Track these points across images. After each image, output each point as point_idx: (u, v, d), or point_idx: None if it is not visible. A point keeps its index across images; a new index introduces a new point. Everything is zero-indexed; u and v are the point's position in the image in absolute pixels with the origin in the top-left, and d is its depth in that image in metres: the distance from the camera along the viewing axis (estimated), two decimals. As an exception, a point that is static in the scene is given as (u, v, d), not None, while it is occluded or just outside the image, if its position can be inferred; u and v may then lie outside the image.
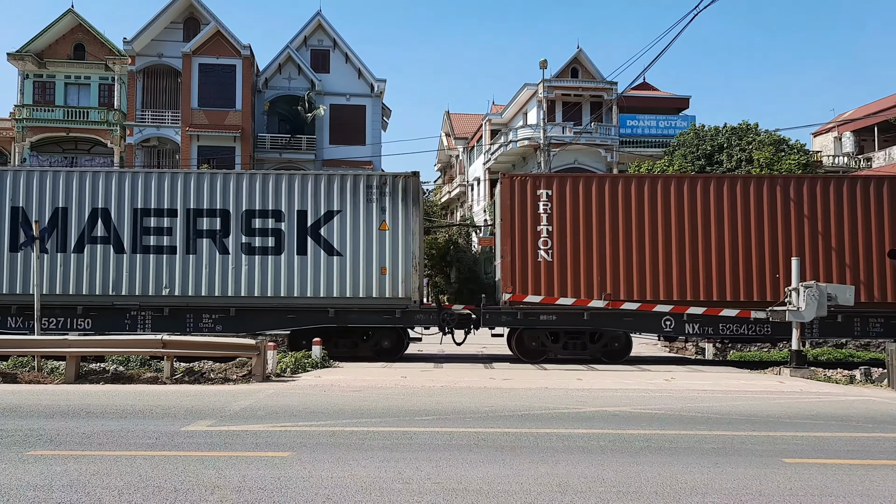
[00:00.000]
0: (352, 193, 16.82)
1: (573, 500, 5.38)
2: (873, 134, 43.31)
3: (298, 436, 7.74)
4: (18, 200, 16.77)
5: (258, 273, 16.66)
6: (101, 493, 5.44)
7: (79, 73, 38.25)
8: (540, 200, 16.70)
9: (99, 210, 16.79)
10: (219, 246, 16.75)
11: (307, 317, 16.83)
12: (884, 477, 6.18)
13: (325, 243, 16.72)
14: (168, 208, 16.84)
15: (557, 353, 17.16)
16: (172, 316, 16.76)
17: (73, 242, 16.71)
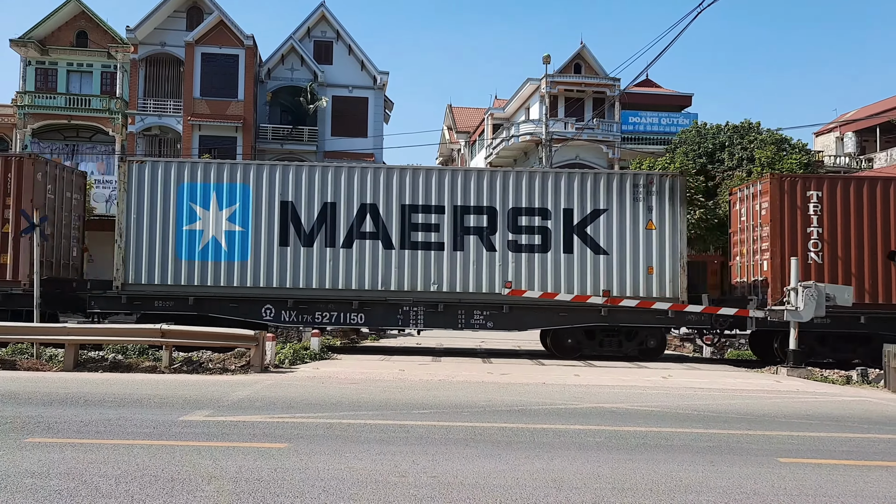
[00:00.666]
0: (618, 192, 16.82)
1: (568, 495, 5.41)
2: (875, 134, 43.26)
3: (295, 427, 7.76)
4: (288, 195, 16.79)
5: (524, 270, 16.61)
6: (98, 482, 5.46)
7: (81, 61, 38.18)
8: (810, 202, 16.44)
9: (367, 205, 16.83)
10: (485, 243, 16.77)
11: (578, 315, 16.75)
12: (878, 478, 6.21)
13: (592, 242, 16.74)
14: (435, 205, 16.85)
15: None
16: (446, 311, 16.75)
17: (342, 237, 16.76)
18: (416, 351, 18.75)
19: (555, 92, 40.02)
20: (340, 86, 39.51)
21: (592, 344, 17.24)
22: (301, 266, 16.58)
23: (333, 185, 16.82)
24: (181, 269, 16.56)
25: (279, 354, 14.33)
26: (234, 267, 16.58)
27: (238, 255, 16.61)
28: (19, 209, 16.21)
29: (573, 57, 41.71)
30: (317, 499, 5.16)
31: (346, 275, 16.63)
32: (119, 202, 16.79)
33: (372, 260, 16.68)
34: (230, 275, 16.56)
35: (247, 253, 16.58)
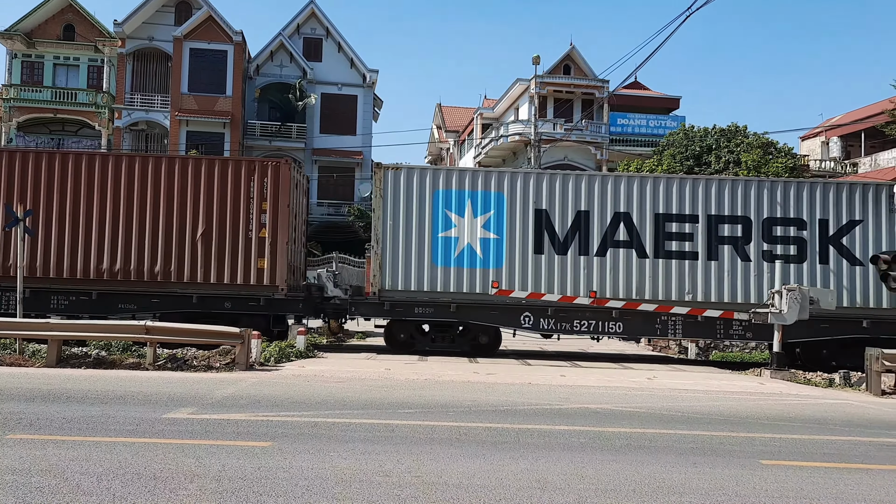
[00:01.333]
0: (873, 203, 16.71)
1: (552, 496, 5.42)
2: (860, 139, 43.64)
3: (280, 426, 7.74)
4: (541, 203, 16.76)
5: (778, 281, 16.39)
6: (80, 479, 5.42)
7: (68, 54, 37.89)
8: None
9: (620, 214, 16.73)
10: (740, 253, 16.64)
11: (840, 326, 16.54)
12: (858, 481, 6.26)
13: (847, 252, 16.62)
14: (689, 214, 16.74)
15: None
16: (705, 322, 16.63)
17: (596, 246, 16.68)
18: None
19: (544, 93, 40.11)
20: (329, 83, 39.43)
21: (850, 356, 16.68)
22: (556, 274, 16.57)
23: (587, 193, 16.81)
24: (437, 275, 16.62)
25: (265, 352, 14.27)
26: (489, 274, 16.62)
27: (493, 262, 16.65)
28: (276, 213, 16.41)
29: (563, 58, 41.83)
30: (300, 498, 5.15)
31: (600, 283, 16.61)
32: (375, 208, 16.82)
33: (626, 268, 16.65)
34: (485, 281, 16.60)
35: (501, 260, 16.60)
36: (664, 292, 16.58)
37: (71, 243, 16.31)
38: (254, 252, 16.41)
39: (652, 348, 22.78)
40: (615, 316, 16.62)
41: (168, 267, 16.30)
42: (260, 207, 16.45)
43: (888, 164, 37.93)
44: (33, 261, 16.11)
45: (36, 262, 16.17)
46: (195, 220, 16.39)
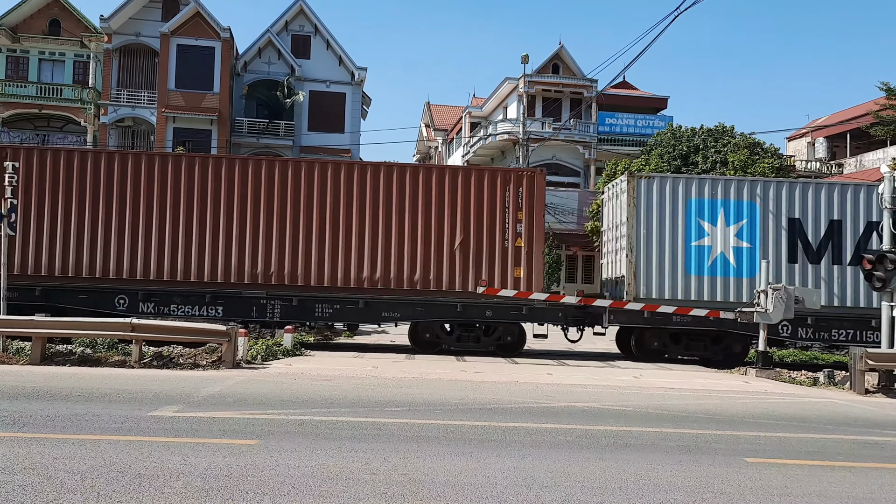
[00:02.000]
0: None
1: (538, 494, 5.43)
2: (846, 140, 44.02)
3: (266, 424, 7.71)
4: (794, 212, 16.76)
5: None
6: (64, 477, 5.38)
7: (53, 50, 37.57)
8: None
9: (873, 224, 16.66)
10: None
11: None
12: (841, 479, 6.32)
13: None
14: None
15: None
16: None
17: (849, 255, 16.63)
18: (389, 348, 18.73)
19: (533, 92, 40.19)
20: (318, 80, 39.30)
21: None
22: (809, 283, 16.52)
23: (839, 202, 16.83)
24: (690, 284, 16.64)
25: (251, 350, 14.21)
26: (742, 284, 16.62)
27: (746, 271, 16.65)
28: (531, 222, 16.73)
29: (551, 57, 41.92)
30: (286, 496, 5.13)
31: (853, 293, 16.65)
32: (629, 217, 16.83)
33: None
34: (738, 291, 16.62)
35: (755, 269, 16.50)
36: None
37: (332, 252, 16.65)
38: (510, 261, 16.77)
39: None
40: (875, 325, 16.33)
41: (427, 275, 16.58)
42: (515, 217, 16.84)
43: (873, 164, 38.28)
44: (307, 270, 16.60)
45: (310, 273, 16.60)
46: (453, 230, 16.75)
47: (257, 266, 16.53)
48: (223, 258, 16.54)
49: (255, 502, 4.98)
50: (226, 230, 16.59)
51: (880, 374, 13.38)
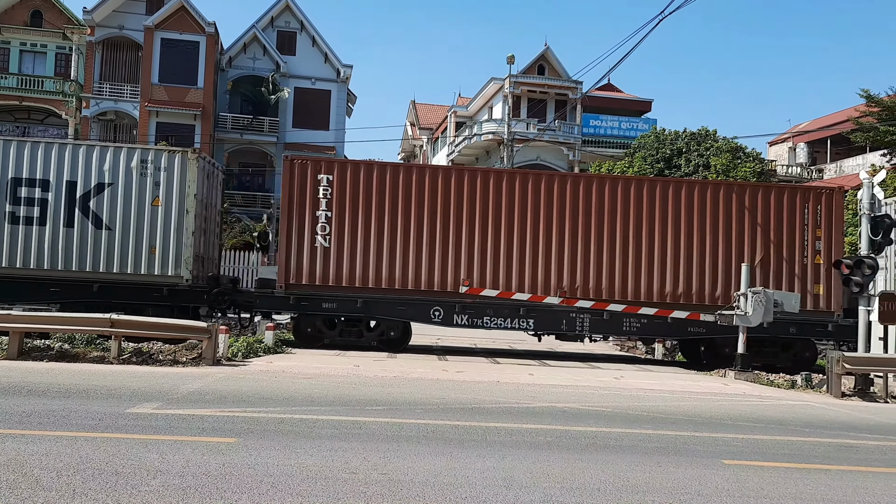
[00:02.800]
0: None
1: (517, 494, 5.45)
2: (826, 146, 44.49)
3: (246, 422, 7.67)
4: None
5: None
6: (40, 474, 5.32)
7: (35, 41, 37.15)
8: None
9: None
10: None
11: None
12: (816, 481, 6.39)
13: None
14: None
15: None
16: None
17: None
18: (371, 347, 18.67)
19: (518, 92, 40.27)
20: (303, 77, 39.15)
21: None
22: None
23: None
24: None
25: (232, 347, 14.12)
26: None
27: None
28: (829, 241, 16.86)
29: (537, 58, 42.02)
30: (265, 494, 5.11)
31: None
32: None
33: None
34: None
35: None
36: None
37: (635, 267, 16.86)
38: (809, 278, 16.91)
39: (620, 348, 22.99)
40: None
41: (728, 291, 16.59)
42: (814, 234, 16.98)
43: (853, 170, 38.73)
44: (611, 285, 16.79)
45: (614, 287, 16.77)
46: (753, 247, 16.93)
47: (563, 280, 16.71)
48: (530, 271, 16.71)
49: (234, 501, 4.95)
50: (532, 244, 16.79)
51: (856, 378, 13.55)
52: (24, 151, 16.20)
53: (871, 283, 14.67)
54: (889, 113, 31.99)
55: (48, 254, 16.13)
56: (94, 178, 16.27)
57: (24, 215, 16.13)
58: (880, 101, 32.50)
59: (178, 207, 16.37)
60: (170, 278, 16.31)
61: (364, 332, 17.14)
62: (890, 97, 32.57)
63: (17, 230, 16.12)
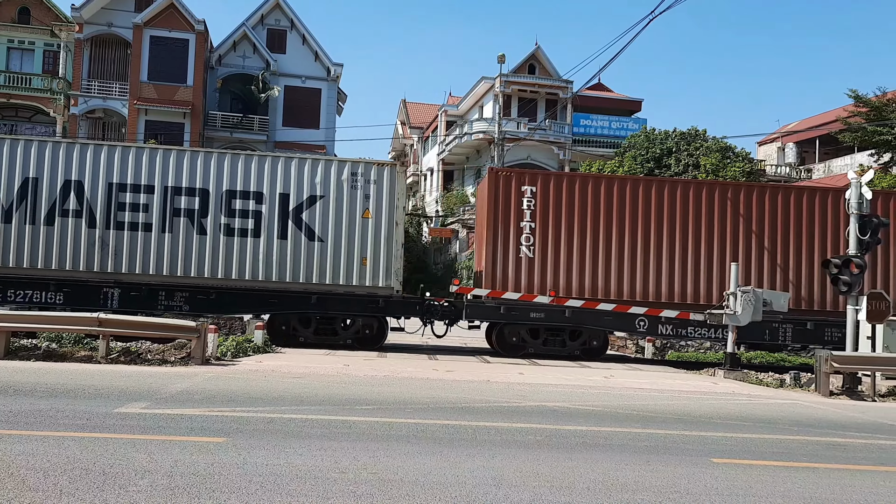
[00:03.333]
0: None
1: (507, 493, 5.44)
2: (815, 146, 44.72)
3: (235, 421, 7.64)
4: None
5: None
6: (26, 474, 5.28)
7: (23, 38, 36.86)
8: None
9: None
10: None
11: None
12: (804, 479, 6.42)
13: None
14: None
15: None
16: None
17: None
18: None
19: (509, 91, 40.25)
20: (293, 76, 39.02)
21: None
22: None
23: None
24: None
25: (221, 347, 14.07)
26: None
27: None
28: None
29: (528, 58, 42.02)
30: (254, 494, 5.08)
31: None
32: None
33: None
34: None
35: None
36: None
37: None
38: None
39: (609, 348, 23.03)
40: None
41: None
42: None
43: (841, 170, 38.96)
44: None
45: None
46: None
47: None
48: None
49: (222, 501, 4.92)
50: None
51: (844, 377, 13.63)
52: (237, 165, 16.51)
53: (860, 282, 14.77)
54: (877, 113, 32.19)
55: (262, 265, 16.41)
56: (307, 191, 16.60)
57: (239, 227, 16.42)
58: (868, 101, 32.70)
59: (387, 219, 16.67)
60: (381, 289, 16.60)
61: (567, 341, 17.45)
62: (878, 97, 32.77)
63: (231, 241, 16.38)
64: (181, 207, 16.32)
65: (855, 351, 14.50)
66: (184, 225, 16.32)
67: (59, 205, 16.14)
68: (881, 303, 14.09)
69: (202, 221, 16.33)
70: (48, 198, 16.15)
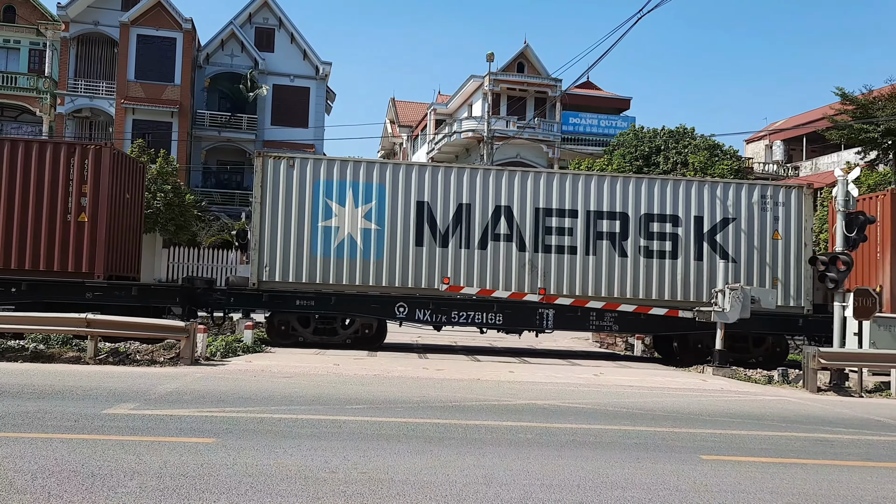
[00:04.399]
0: None
1: (497, 492, 5.45)
2: (802, 144, 44.98)
3: (224, 422, 7.61)
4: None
5: None
6: (14, 477, 5.24)
7: (8, 37, 36.57)
8: None
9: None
10: None
11: None
12: (792, 475, 6.46)
13: None
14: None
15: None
16: None
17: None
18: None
19: (498, 90, 40.28)
20: (282, 74, 38.90)
21: None
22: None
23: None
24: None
25: (210, 347, 14.01)
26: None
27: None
28: None
29: (516, 56, 42.07)
30: (244, 495, 5.07)
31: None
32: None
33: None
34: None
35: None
36: None
37: None
38: None
39: (599, 345, 23.10)
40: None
41: None
42: None
43: (827, 167, 39.20)
44: None
45: None
46: None
47: None
48: None
49: (212, 502, 4.91)
50: None
51: (832, 373, 13.72)
52: (653, 189, 16.97)
53: (846, 279, 14.87)
54: (863, 111, 32.38)
55: (681, 285, 16.83)
56: (719, 214, 16.95)
57: (658, 249, 16.85)
58: (855, 99, 32.89)
59: (795, 240, 16.88)
60: (792, 309, 16.77)
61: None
62: (864, 95, 32.97)
63: (650, 263, 16.82)
64: (603, 231, 16.82)
65: (842, 347, 14.61)
66: (606, 248, 16.78)
67: (490, 229, 16.70)
68: (868, 299, 14.19)
69: (622, 244, 16.83)
70: (480, 222, 16.64)
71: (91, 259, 16.03)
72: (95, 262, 16.02)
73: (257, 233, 16.25)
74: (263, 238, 16.25)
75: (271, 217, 16.27)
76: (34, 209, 15.93)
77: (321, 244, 16.31)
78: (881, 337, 14.65)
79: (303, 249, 16.26)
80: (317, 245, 16.31)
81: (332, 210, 16.40)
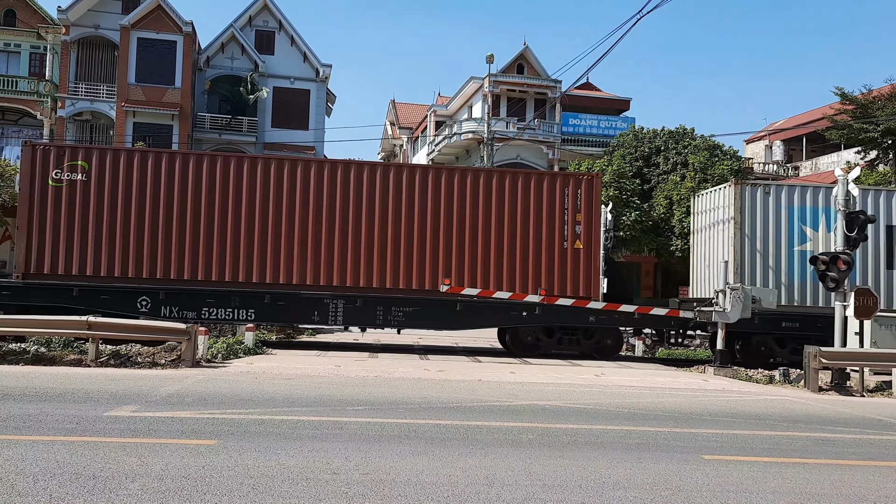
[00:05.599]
0: None
1: (499, 492, 5.45)
2: (801, 144, 44.96)
3: (226, 423, 7.61)
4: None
5: None
6: (15, 480, 5.24)
7: (8, 41, 36.56)
8: None
9: None
10: None
11: None
12: (795, 474, 6.46)
13: None
14: None
15: None
16: None
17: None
18: (353, 347, 18.64)
19: (497, 91, 40.27)
20: (282, 77, 38.87)
21: None
22: None
23: None
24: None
25: (212, 349, 14.02)
26: None
27: None
28: None
29: (516, 57, 42.05)
30: (245, 497, 5.07)
31: None
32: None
33: None
34: None
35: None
36: None
37: None
38: None
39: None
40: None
41: None
42: None
43: (827, 167, 39.18)
44: None
45: None
46: None
47: None
48: None
49: (213, 503, 4.91)
50: None
51: (833, 373, 13.72)
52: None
53: (847, 278, 14.87)
54: (863, 111, 32.37)
55: None
56: None
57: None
58: (854, 98, 32.88)
59: None
60: None
61: None
62: (864, 95, 32.95)
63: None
64: None
65: (843, 347, 14.60)
66: None
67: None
68: (869, 299, 14.19)
69: None
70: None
71: None
72: None
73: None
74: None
75: None
76: None
77: None
78: (882, 336, 14.65)
79: None
80: None
81: (805, 235, 17.17)
